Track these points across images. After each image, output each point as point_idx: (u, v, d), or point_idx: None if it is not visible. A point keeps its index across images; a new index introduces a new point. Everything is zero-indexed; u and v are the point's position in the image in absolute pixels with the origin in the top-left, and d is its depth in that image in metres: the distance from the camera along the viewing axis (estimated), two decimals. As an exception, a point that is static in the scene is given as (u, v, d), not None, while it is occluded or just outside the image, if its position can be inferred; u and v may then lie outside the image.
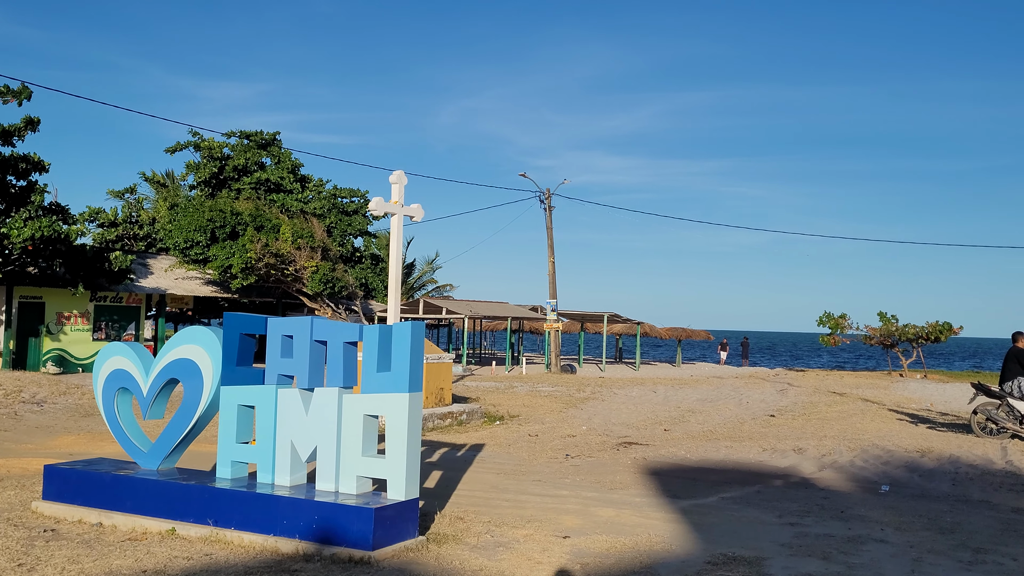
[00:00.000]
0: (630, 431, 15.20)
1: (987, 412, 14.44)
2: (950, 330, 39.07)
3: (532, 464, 11.19)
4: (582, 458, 11.77)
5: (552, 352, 33.62)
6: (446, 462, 11.15)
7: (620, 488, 9.49)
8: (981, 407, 14.64)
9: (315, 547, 6.46)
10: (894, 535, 7.28)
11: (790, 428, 15.48)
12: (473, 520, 7.66)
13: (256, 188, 37.11)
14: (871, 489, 9.58)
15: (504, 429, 15.03)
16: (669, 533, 7.33)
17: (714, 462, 11.36)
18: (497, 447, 12.75)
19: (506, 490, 9.29)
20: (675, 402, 21.15)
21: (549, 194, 33.67)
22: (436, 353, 16.35)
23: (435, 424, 15.34)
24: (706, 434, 14.78)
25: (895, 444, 13.02)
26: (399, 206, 16.86)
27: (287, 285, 29.94)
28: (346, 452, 6.96)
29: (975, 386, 15.07)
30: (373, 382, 6.90)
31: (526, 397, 21.17)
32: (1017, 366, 14.20)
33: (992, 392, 14.62)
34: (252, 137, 38.12)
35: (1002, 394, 14.31)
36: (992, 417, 14.33)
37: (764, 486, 9.69)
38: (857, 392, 26.13)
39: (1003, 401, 14.33)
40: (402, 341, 6.82)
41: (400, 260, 16.95)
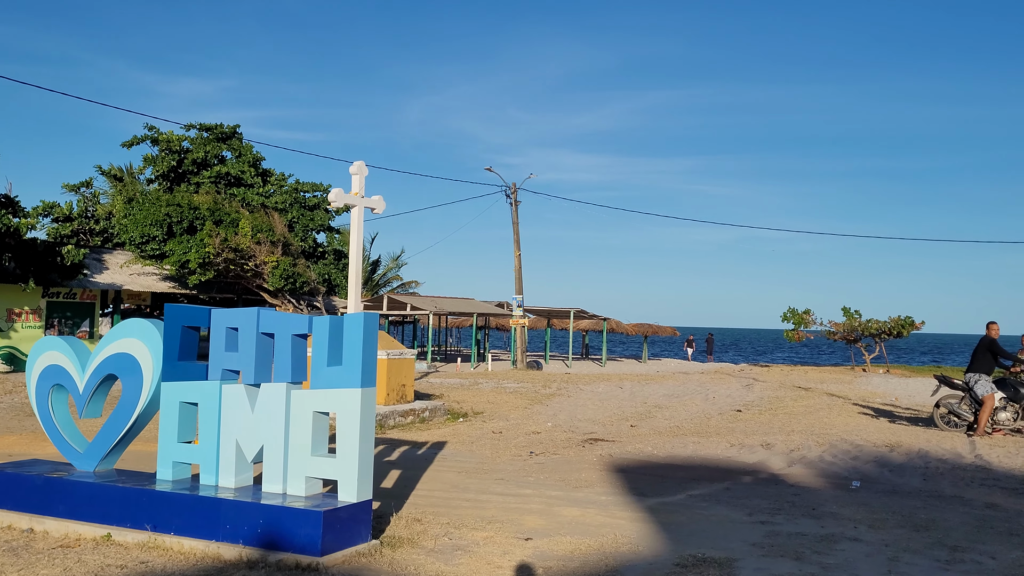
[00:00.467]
0: (596, 427, 14.90)
1: (949, 405, 14.33)
2: (912, 325, 39.35)
3: (495, 462, 10.83)
4: (547, 455, 11.44)
5: (518, 348, 33.28)
6: (406, 461, 10.76)
7: (585, 486, 9.17)
8: (943, 400, 14.53)
9: (260, 553, 6.05)
10: (868, 533, 7.01)
11: (757, 423, 15.27)
12: (431, 522, 7.29)
13: (216, 182, 36.35)
14: (842, 485, 9.34)
15: (467, 426, 14.66)
16: (636, 533, 7.01)
17: (682, 458, 11.08)
18: (459, 445, 12.38)
19: (467, 490, 8.92)
20: (641, 398, 20.90)
21: (515, 188, 33.32)
22: (398, 349, 15.93)
23: (396, 422, 14.93)
24: (673, 430, 14.52)
25: (863, 439, 12.84)
26: (360, 197, 16.41)
27: (247, 281, 29.29)
28: (294, 451, 6.56)
29: (938, 379, 14.96)
30: (323, 377, 6.50)
31: (491, 394, 20.81)
32: (989, 355, 14.09)
33: (955, 384, 14.52)
34: (212, 130, 37.33)
35: (965, 387, 14.20)
36: (954, 410, 14.22)
37: (733, 483, 9.41)
38: (822, 387, 26.09)
39: (966, 394, 14.23)
40: (354, 333, 6.43)
41: (361, 254, 16.50)
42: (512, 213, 33.41)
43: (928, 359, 68.63)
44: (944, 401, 14.49)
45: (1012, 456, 11.33)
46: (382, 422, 14.53)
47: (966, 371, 14.28)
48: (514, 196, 33.22)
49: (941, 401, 14.55)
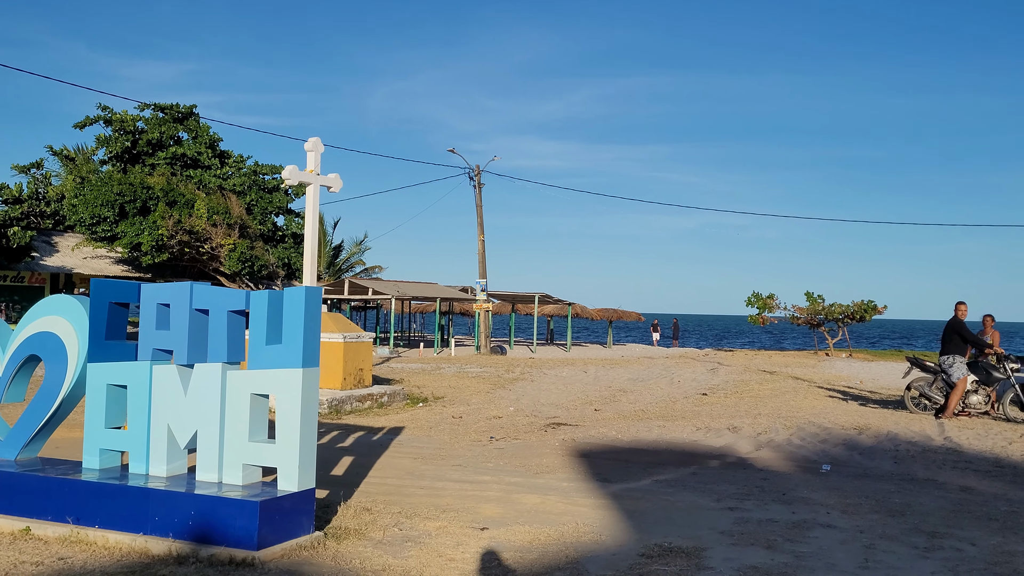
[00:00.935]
0: (559, 412, 14.51)
1: (920, 388, 14.14)
2: (875, 309, 39.53)
3: (453, 448, 10.39)
4: (507, 440, 11.02)
5: (482, 333, 32.84)
6: (360, 447, 10.28)
7: (547, 472, 8.76)
8: (915, 382, 14.34)
9: (191, 547, 5.56)
10: (841, 519, 6.68)
11: (723, 406, 14.98)
12: (381, 511, 6.84)
13: (172, 163, 35.43)
14: (812, 469, 9.02)
15: (427, 411, 14.21)
16: (599, 522, 6.61)
17: (647, 443, 10.72)
18: (417, 430, 11.92)
19: (422, 476, 8.48)
20: (606, 382, 20.58)
21: (479, 171, 32.79)
22: (355, 332, 15.42)
23: (353, 407, 14.44)
24: (638, 414, 14.18)
25: (831, 421, 12.58)
26: (315, 175, 15.83)
27: (203, 264, 28.54)
28: (231, 437, 6.06)
29: (910, 360, 14.77)
30: (262, 356, 6.00)
31: (453, 378, 20.37)
32: (959, 338, 13.90)
33: (927, 367, 14.33)
34: (167, 110, 36.35)
35: (936, 369, 14.01)
36: (925, 393, 14.04)
37: (700, 467, 9.05)
38: (786, 371, 25.98)
39: (937, 376, 14.04)
40: (295, 309, 5.93)
41: (316, 234, 15.93)
42: (476, 196, 32.91)
43: (889, 343, 69.31)
44: (915, 384, 14.30)
45: (981, 438, 11.12)
46: (338, 407, 14.04)
47: (940, 354, 14.07)
48: (478, 179, 32.70)
49: (912, 383, 14.36)
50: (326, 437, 11.01)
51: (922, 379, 14.32)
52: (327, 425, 12.19)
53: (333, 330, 14.98)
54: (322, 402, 13.83)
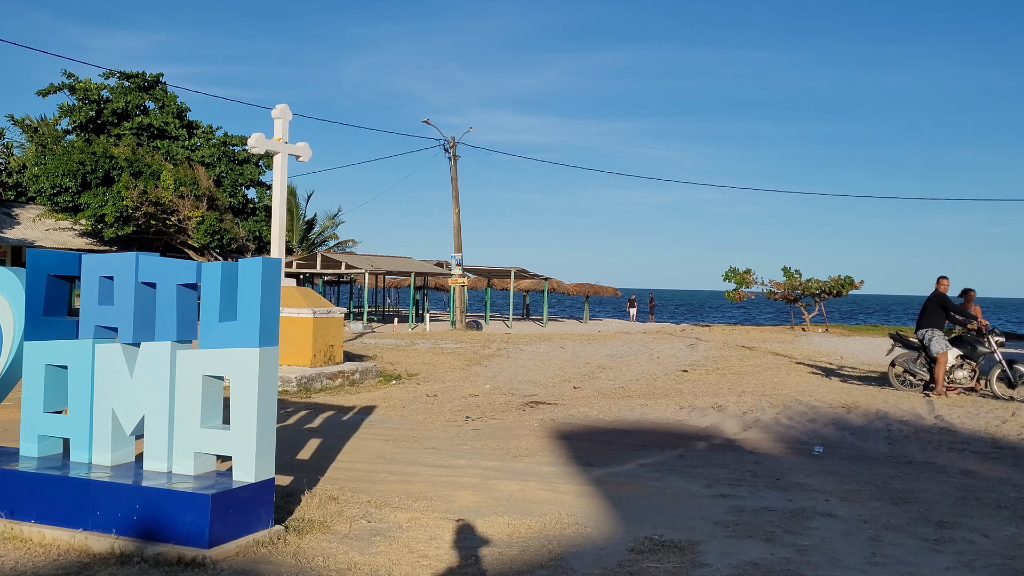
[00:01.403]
0: (537, 390, 14.06)
1: (905, 364, 13.84)
2: (851, 284, 39.42)
3: (427, 429, 9.90)
4: (484, 421, 10.54)
5: (457, 308, 32.31)
6: (329, 428, 9.76)
7: (526, 455, 8.29)
8: (899, 359, 14.03)
9: (136, 545, 5.03)
10: (841, 507, 6.26)
11: (706, 384, 14.59)
12: (349, 501, 6.34)
13: (138, 134, 34.41)
14: (804, 451, 8.61)
15: (400, 389, 13.70)
16: (583, 511, 6.15)
17: (629, 423, 10.27)
18: (390, 409, 11.41)
19: (394, 461, 7.98)
20: (584, 358, 20.15)
21: (454, 142, 32.09)
22: (325, 307, 14.84)
23: (324, 385, 13.90)
24: (618, 391, 13.75)
25: (818, 399, 12.21)
26: (283, 143, 15.19)
27: (170, 237, 27.74)
28: (181, 423, 5.51)
29: (893, 337, 14.45)
30: (215, 334, 5.45)
31: (428, 355, 19.85)
32: (940, 311, 13.56)
33: (910, 343, 14.01)
34: (133, 79, 35.25)
35: (920, 345, 13.70)
36: (909, 369, 13.73)
37: (686, 449, 8.62)
38: (765, 346, 25.70)
39: (920, 352, 13.73)
40: (251, 282, 5.38)
41: (284, 205, 15.31)
42: (451, 168, 32.22)
43: (864, 318, 69.56)
44: (899, 360, 13.98)
45: (973, 416, 10.78)
46: (308, 385, 13.50)
47: (917, 328, 13.75)
48: (453, 150, 32.01)
49: (896, 360, 14.05)
50: (293, 417, 10.48)
51: (906, 355, 14.01)
52: (295, 404, 11.65)
53: (302, 305, 14.40)
54: (291, 380, 13.29)
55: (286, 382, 13.30)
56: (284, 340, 14.20)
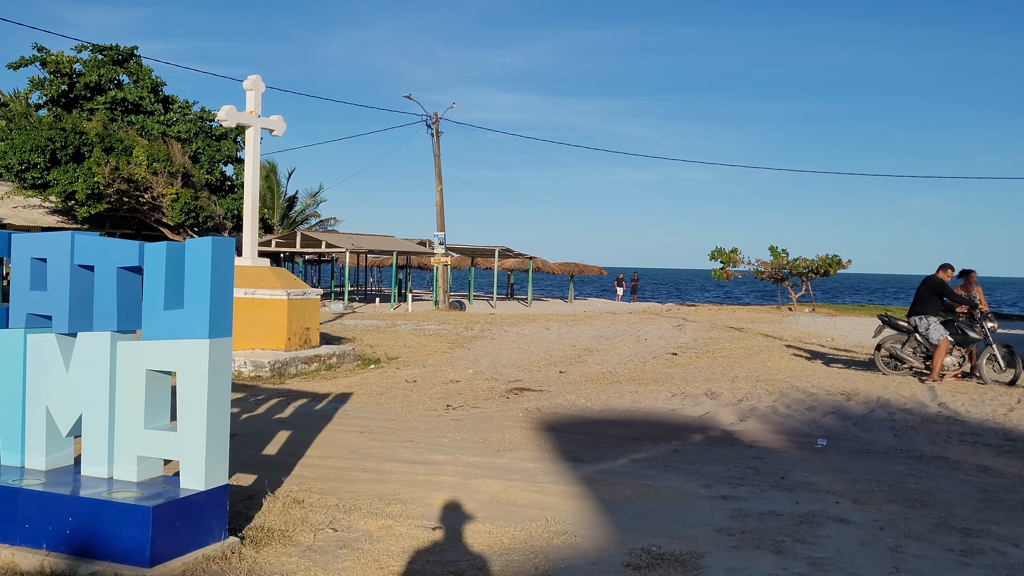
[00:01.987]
0: (522, 374, 13.50)
1: (892, 348, 13.38)
2: (839, 264, 39.06)
3: (405, 419, 9.32)
4: (465, 409, 9.98)
5: (440, 288, 31.70)
6: (300, 419, 9.17)
7: (509, 449, 7.73)
8: (886, 342, 13.57)
9: (68, 563, 4.44)
10: (854, 511, 5.73)
11: (696, 368, 14.08)
12: (315, 505, 5.76)
13: (112, 108, 33.44)
14: (806, 444, 8.09)
15: (378, 374, 13.11)
16: (572, 517, 5.59)
17: (619, 412, 9.73)
18: (367, 397, 10.83)
19: (368, 456, 7.40)
20: (570, 340, 19.62)
21: (436, 118, 31.33)
22: (300, 288, 14.21)
23: (299, 370, 13.29)
24: (606, 376, 13.22)
25: (814, 385, 11.71)
26: (255, 116, 14.47)
27: (144, 215, 26.94)
28: (123, 423, 4.90)
29: (882, 319, 13.96)
30: (160, 324, 4.83)
31: (409, 336, 19.26)
32: (936, 298, 13.09)
33: (899, 326, 13.55)
34: (106, 52, 34.23)
35: (909, 328, 13.24)
36: (896, 354, 13.27)
37: (681, 442, 8.08)
38: (754, 327, 25.27)
39: (910, 335, 13.27)
40: (199, 265, 4.77)
41: (257, 181, 14.63)
42: (433, 144, 31.48)
43: (852, 299, 69.42)
44: (886, 343, 13.52)
45: (978, 404, 10.31)
46: (282, 370, 12.89)
47: (910, 312, 13.27)
48: (435, 126, 31.25)
49: (883, 343, 13.58)
50: (264, 406, 9.88)
51: (893, 337, 13.56)
52: (267, 391, 11.05)
53: (276, 286, 13.76)
54: (264, 365, 12.68)
55: (259, 367, 12.69)
56: (257, 323, 13.58)
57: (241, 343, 13.53)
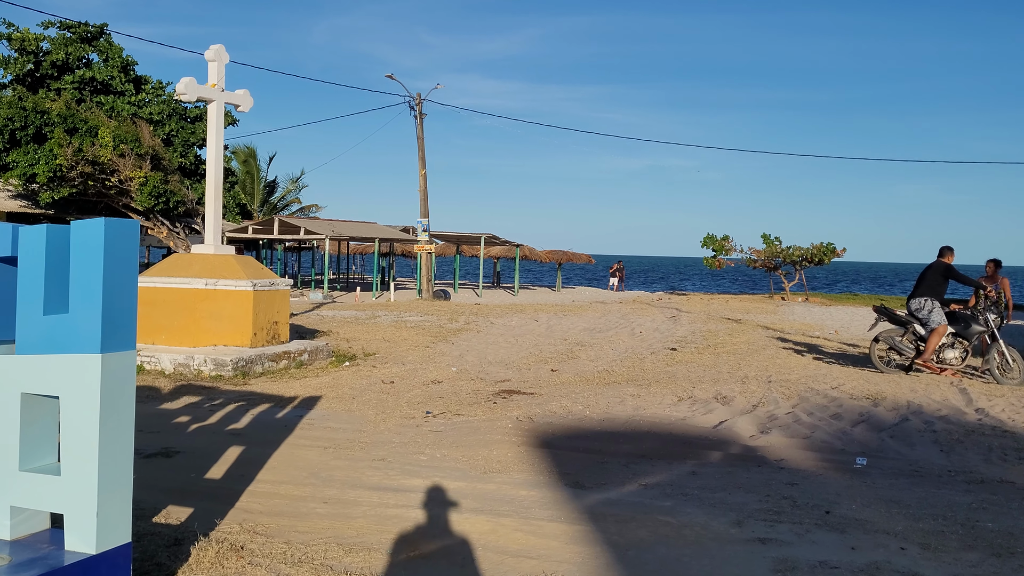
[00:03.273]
0: (510, 373, 12.36)
1: (890, 340, 12.33)
2: (834, 252, 38.09)
3: (378, 430, 8.16)
4: (447, 417, 8.82)
5: (424, 277, 30.47)
6: (257, 430, 8.00)
7: (498, 471, 6.59)
8: (884, 335, 12.52)
9: (-97, 659, 3.27)
10: (927, 561, 4.62)
11: (700, 366, 12.96)
12: (257, 553, 4.61)
13: (80, 88, 31.97)
14: (843, 463, 6.97)
15: (353, 373, 11.93)
16: (577, 571, 4.46)
17: (622, 422, 8.58)
18: (337, 401, 9.67)
19: (330, 480, 6.25)
20: (560, 332, 18.48)
21: (420, 100, 30.03)
22: (267, 278, 12.99)
23: (266, 368, 12.11)
24: (603, 376, 12.09)
25: (834, 387, 10.62)
26: (218, 90, 13.22)
27: (112, 199, 25.58)
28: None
29: (877, 310, 12.90)
30: (39, 333, 3.66)
31: (389, 329, 18.07)
32: (943, 281, 12.05)
33: (897, 317, 12.50)
34: (75, 29, 32.72)
35: (907, 319, 12.21)
36: (895, 345, 12.23)
37: (698, 462, 6.95)
38: (750, 318, 24.22)
39: (908, 327, 12.24)
40: (88, 255, 3.58)
41: (220, 160, 13.37)
42: (417, 127, 30.17)
43: (845, 288, 68.56)
44: (884, 335, 12.48)
45: (1018, 409, 9.24)
46: (246, 369, 11.70)
47: (911, 296, 12.22)
48: (419, 108, 29.95)
49: (880, 336, 12.54)
50: (218, 414, 8.70)
51: (890, 331, 12.53)
52: (226, 394, 9.87)
53: (240, 276, 12.54)
54: (226, 363, 11.49)
55: (220, 366, 11.49)
56: (220, 317, 12.37)
57: (202, 339, 12.33)
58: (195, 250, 13.15)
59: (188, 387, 10.44)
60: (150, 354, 11.90)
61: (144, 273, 12.99)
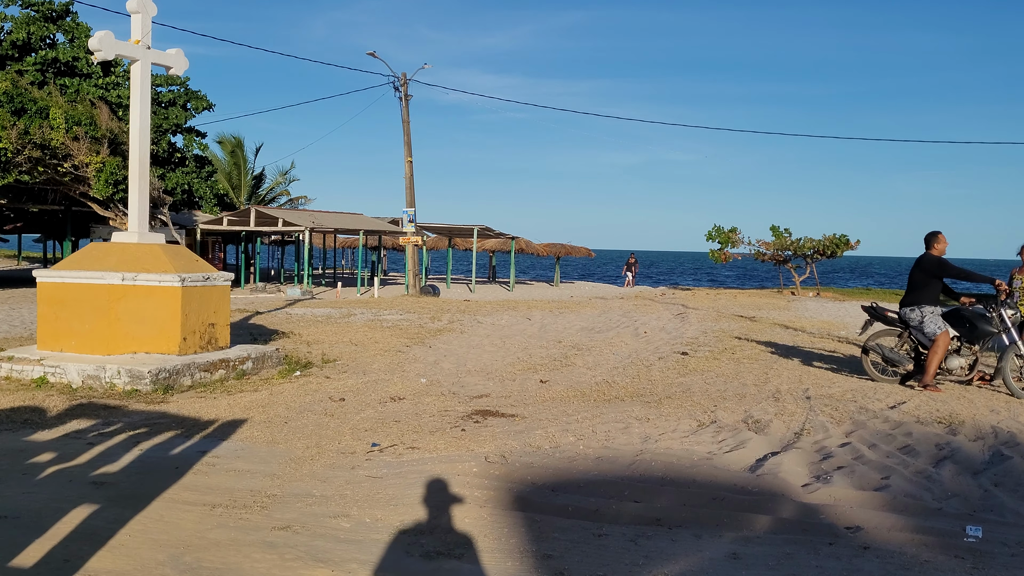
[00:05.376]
0: (490, 385, 10.26)
1: (882, 348, 10.27)
2: (847, 244, 36.00)
3: (299, 473, 6.06)
4: (398, 452, 6.72)
5: (410, 271, 28.34)
6: (133, 476, 5.89)
7: (445, 554, 4.49)
8: (876, 340, 10.46)
9: None
10: None
11: (719, 376, 10.85)
12: None
13: (43, 70, 29.91)
14: (947, 534, 4.83)
15: (299, 387, 9.83)
16: None
17: (627, 461, 6.45)
18: (263, 427, 7.57)
19: (194, 573, 4.15)
20: (554, 333, 16.38)
21: (405, 80, 27.81)
22: (202, 272, 10.88)
23: (196, 380, 10.02)
24: (601, 389, 9.98)
25: (891, 406, 8.51)
26: (142, 48, 11.11)
27: (68, 187, 23.44)
28: None
29: (868, 310, 10.79)
30: None
31: (361, 330, 15.96)
32: (935, 281, 9.92)
33: (889, 318, 10.42)
34: (38, 7, 30.64)
35: (902, 322, 10.15)
36: (888, 356, 10.18)
37: (739, 534, 4.83)
38: (763, 315, 22.12)
39: (905, 330, 10.18)
40: None
41: (146, 130, 11.24)
42: (402, 109, 27.96)
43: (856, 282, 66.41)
44: (876, 343, 10.41)
45: None
46: (170, 382, 9.61)
47: (902, 303, 10.13)
48: (404, 89, 27.73)
49: (871, 343, 10.47)
50: (96, 449, 6.60)
51: (885, 334, 10.47)
52: (129, 417, 7.79)
53: (166, 269, 10.44)
54: (143, 376, 9.40)
55: (137, 379, 9.40)
56: (141, 319, 10.28)
57: (120, 346, 10.24)
58: (115, 238, 11.04)
59: (86, 407, 8.34)
60: (55, 364, 9.82)
61: (54, 266, 10.91)
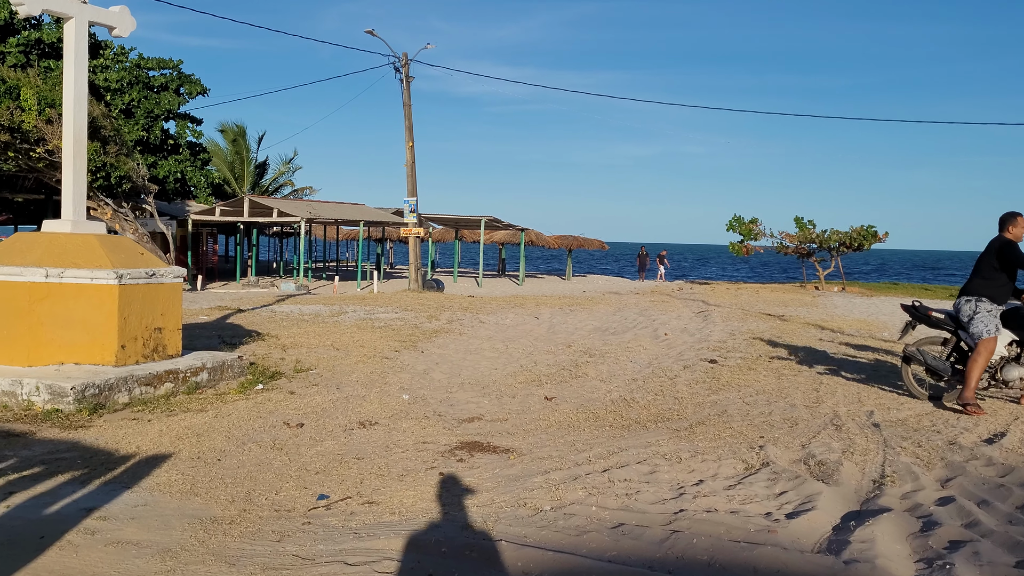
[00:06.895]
0: (485, 404, 8.57)
1: (926, 356, 8.38)
2: (875, 236, 34.10)
3: (201, 555, 4.39)
4: (348, 509, 5.03)
5: (412, 264, 26.66)
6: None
7: None
8: (920, 346, 8.60)
9: None
10: None
11: (759, 392, 9.11)
12: None
13: (26, 52, 28.36)
14: None
15: (252, 406, 8.15)
16: None
17: (658, 537, 4.70)
18: (186, 467, 5.90)
19: None
20: (564, 335, 14.67)
21: (406, 60, 26.08)
22: (146, 267, 9.22)
23: (137, 395, 8.38)
24: (618, 410, 8.27)
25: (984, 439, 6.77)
26: (76, 2, 9.46)
27: (43, 173, 21.86)
28: None
29: (908, 310, 8.81)
30: None
31: (348, 331, 14.29)
32: (1000, 267, 7.96)
33: (935, 320, 8.53)
34: (22, -15, 29.06)
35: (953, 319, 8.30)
36: (933, 365, 8.32)
37: None
38: (791, 312, 20.35)
39: (953, 333, 8.35)
40: None
41: (83, 101, 9.57)
42: (403, 92, 26.23)
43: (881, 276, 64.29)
44: (920, 348, 8.55)
45: None
46: (101, 399, 7.97)
47: (961, 291, 8.22)
48: (405, 70, 26.00)
49: (913, 350, 8.62)
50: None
51: (930, 341, 8.65)
52: (29, 448, 6.15)
53: (102, 264, 8.78)
54: (66, 392, 7.75)
55: (58, 396, 7.76)
56: (69, 322, 8.64)
57: (44, 355, 8.59)
58: (45, 227, 9.40)
59: (-20, 435, 6.69)
60: (-35, 376, 8.19)
61: (-29, 260, 9.26)
